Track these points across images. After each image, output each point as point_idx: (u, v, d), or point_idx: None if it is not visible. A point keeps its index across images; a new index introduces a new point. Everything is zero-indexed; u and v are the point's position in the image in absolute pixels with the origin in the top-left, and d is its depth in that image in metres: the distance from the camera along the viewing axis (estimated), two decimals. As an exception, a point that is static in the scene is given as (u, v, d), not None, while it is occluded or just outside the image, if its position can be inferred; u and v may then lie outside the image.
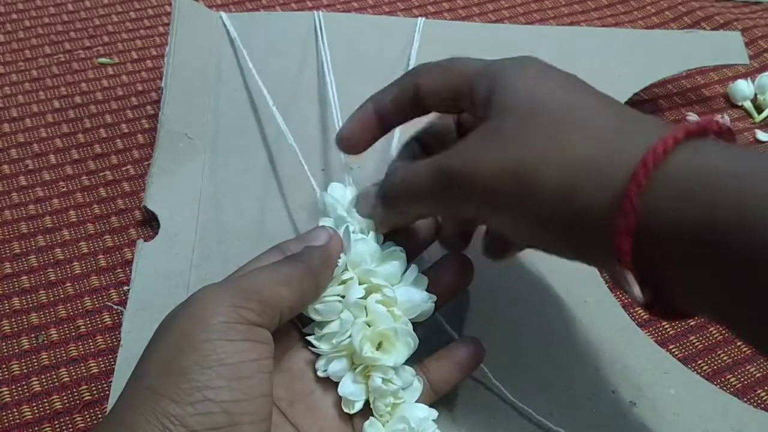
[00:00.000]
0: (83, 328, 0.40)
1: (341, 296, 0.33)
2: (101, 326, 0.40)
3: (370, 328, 0.32)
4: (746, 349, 0.40)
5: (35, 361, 0.38)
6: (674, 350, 0.40)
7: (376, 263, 0.34)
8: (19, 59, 0.56)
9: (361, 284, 0.33)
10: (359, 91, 0.49)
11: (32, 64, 0.56)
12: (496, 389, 0.36)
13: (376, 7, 0.64)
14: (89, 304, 0.41)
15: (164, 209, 0.44)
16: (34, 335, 0.39)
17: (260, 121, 0.49)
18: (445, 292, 0.35)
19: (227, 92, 0.50)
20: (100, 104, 0.53)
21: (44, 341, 0.39)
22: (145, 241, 0.42)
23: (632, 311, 0.41)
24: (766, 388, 0.39)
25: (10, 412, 0.36)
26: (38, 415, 0.36)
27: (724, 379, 0.39)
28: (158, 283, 0.40)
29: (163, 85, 0.48)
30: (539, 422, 0.35)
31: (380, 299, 0.33)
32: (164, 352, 0.27)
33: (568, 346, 0.39)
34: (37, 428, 0.36)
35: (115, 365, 0.37)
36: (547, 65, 0.31)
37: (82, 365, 0.38)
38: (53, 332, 0.40)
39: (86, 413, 0.36)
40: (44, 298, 0.41)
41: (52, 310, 0.41)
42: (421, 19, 0.55)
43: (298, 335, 0.33)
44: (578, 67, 0.32)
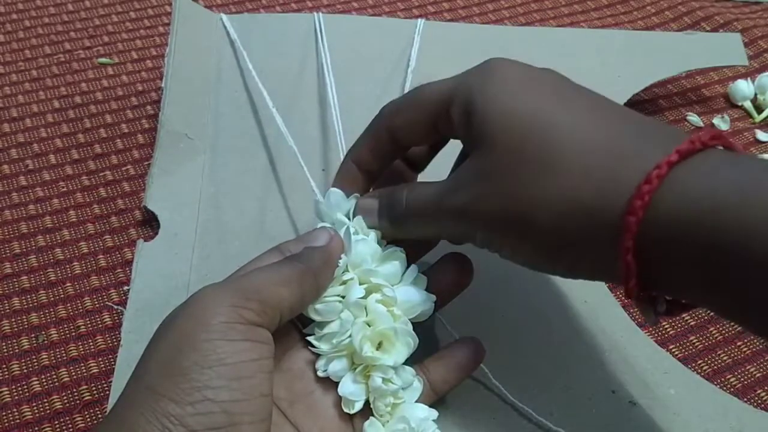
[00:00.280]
0: (83, 328, 0.40)
1: (341, 296, 0.33)
2: (101, 326, 0.40)
3: (370, 327, 0.32)
4: (746, 349, 0.40)
5: (35, 361, 0.38)
6: (674, 350, 0.40)
7: (376, 263, 0.34)
8: (19, 59, 0.56)
9: (361, 284, 0.33)
10: (359, 92, 0.50)
11: (32, 64, 0.56)
12: (496, 389, 0.36)
13: (376, 7, 0.64)
14: (89, 304, 0.41)
15: (164, 209, 0.44)
16: (34, 335, 0.39)
17: (260, 121, 0.49)
18: (445, 292, 0.35)
19: (227, 93, 0.50)
20: (100, 104, 0.53)
21: (44, 341, 0.39)
22: (145, 241, 0.42)
23: (632, 311, 0.41)
24: (766, 388, 0.39)
25: (10, 412, 0.36)
26: (38, 415, 0.36)
27: (724, 379, 0.39)
28: (158, 283, 0.40)
29: (163, 85, 0.48)
30: (539, 422, 0.35)
31: (380, 299, 0.33)
32: (164, 352, 0.27)
33: (568, 346, 0.39)
34: (37, 428, 0.36)
35: (115, 365, 0.37)
36: (513, 68, 0.31)
37: (82, 365, 0.38)
38: (53, 332, 0.40)
39: (86, 413, 0.36)
40: (44, 298, 0.41)
41: (52, 310, 0.41)
42: (421, 20, 0.55)
43: (298, 335, 0.33)
44: (578, 67, 0.32)
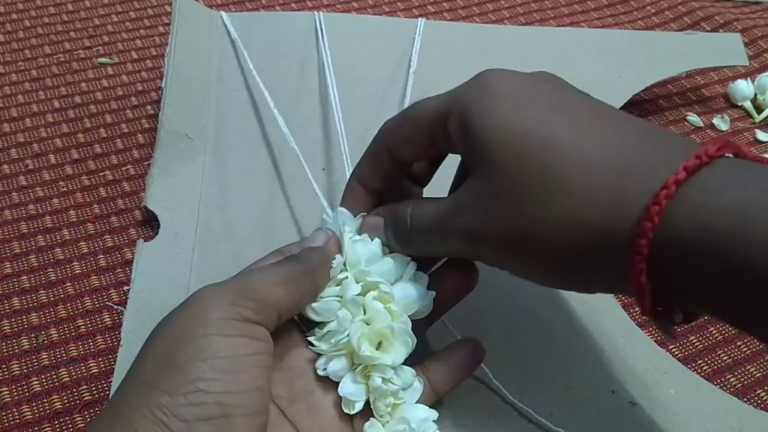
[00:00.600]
0: (83, 328, 0.40)
1: (339, 297, 0.33)
2: (101, 326, 0.40)
3: (368, 326, 0.32)
4: (746, 349, 0.40)
5: (35, 361, 0.38)
6: (674, 350, 0.40)
7: (373, 263, 0.34)
8: (19, 59, 0.56)
9: (357, 283, 0.33)
10: (360, 91, 0.50)
11: (32, 64, 0.56)
12: (496, 389, 0.36)
13: (376, 7, 0.64)
14: (89, 304, 0.41)
15: (164, 209, 0.43)
16: (34, 335, 0.39)
17: (261, 121, 0.49)
18: (448, 296, 0.35)
19: (228, 92, 0.50)
20: (100, 104, 0.53)
21: (44, 341, 0.39)
22: (145, 241, 0.42)
23: (632, 311, 0.41)
24: (766, 388, 0.39)
25: (10, 412, 0.36)
26: (38, 415, 0.36)
27: (724, 379, 0.39)
28: (158, 283, 0.40)
29: (163, 85, 0.48)
30: (539, 422, 0.35)
31: (377, 296, 0.33)
32: (161, 348, 0.27)
33: (568, 346, 0.39)
34: (37, 428, 0.36)
35: (115, 365, 0.37)
36: (509, 79, 0.30)
37: (82, 365, 0.38)
38: (53, 332, 0.40)
39: (86, 413, 0.36)
40: (44, 298, 0.41)
41: (52, 310, 0.41)
42: (421, 20, 0.55)
43: (299, 334, 0.33)
44: (578, 67, 0.32)
